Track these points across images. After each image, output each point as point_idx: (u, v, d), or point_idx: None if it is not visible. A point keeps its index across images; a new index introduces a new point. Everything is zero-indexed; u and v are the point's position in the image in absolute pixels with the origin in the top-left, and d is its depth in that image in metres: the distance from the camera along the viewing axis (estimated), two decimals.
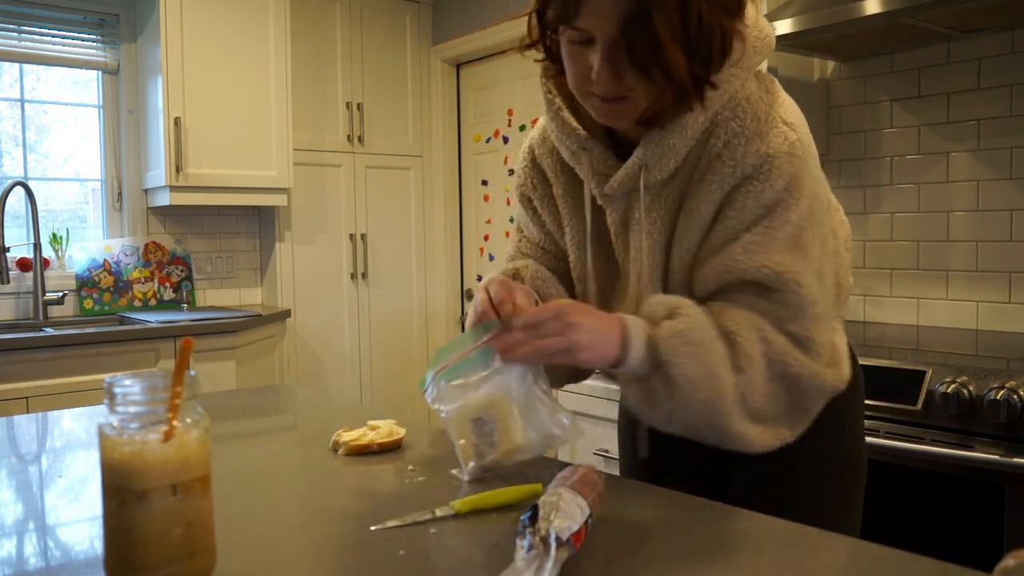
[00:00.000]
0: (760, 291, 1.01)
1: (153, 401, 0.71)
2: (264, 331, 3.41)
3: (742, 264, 1.01)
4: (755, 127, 1.01)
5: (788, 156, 1.01)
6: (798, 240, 1.01)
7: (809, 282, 1.01)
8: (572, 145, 1.12)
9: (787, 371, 1.01)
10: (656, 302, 1.03)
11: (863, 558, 0.81)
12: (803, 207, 1.01)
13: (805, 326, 1.01)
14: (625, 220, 1.12)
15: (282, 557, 0.82)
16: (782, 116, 1.03)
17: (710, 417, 0.99)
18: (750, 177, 1.01)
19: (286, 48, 3.53)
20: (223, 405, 1.58)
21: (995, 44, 2.27)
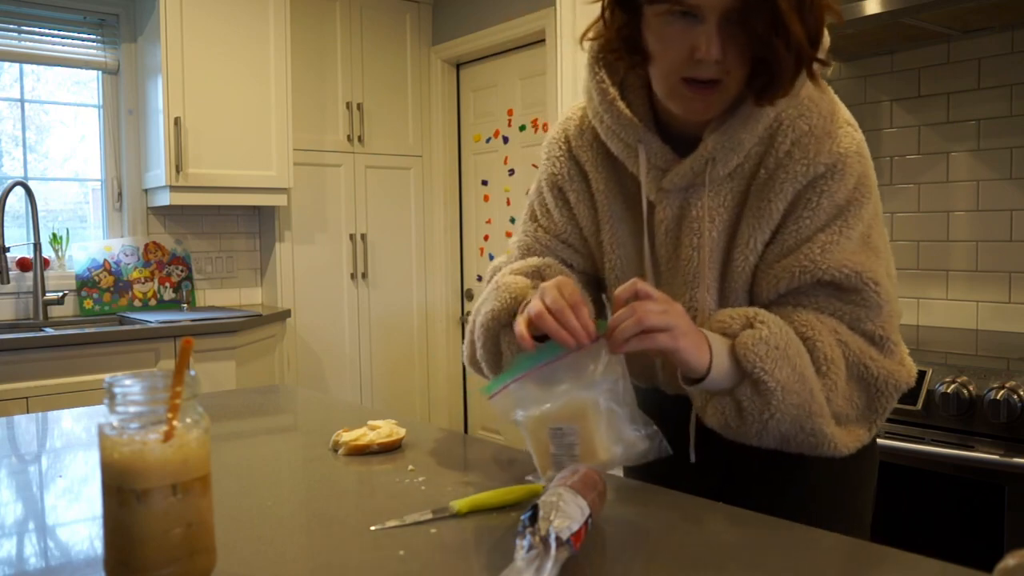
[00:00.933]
0: (836, 292, 1.01)
1: (153, 401, 0.71)
2: (264, 331, 3.41)
3: (821, 264, 1.00)
4: (823, 126, 1.01)
5: (857, 155, 1.02)
6: (869, 239, 1.03)
7: (883, 280, 1.01)
8: (628, 137, 1.08)
9: (866, 372, 1.00)
10: (727, 315, 1.01)
11: (863, 558, 0.81)
12: (871, 205, 1.03)
13: (881, 325, 1.01)
14: (680, 217, 1.09)
15: (282, 557, 0.82)
16: (844, 116, 1.05)
17: (804, 420, 0.97)
18: (823, 176, 1.00)
19: (286, 48, 3.53)
20: (223, 405, 1.57)
21: (995, 44, 2.27)
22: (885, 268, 1.04)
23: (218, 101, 3.35)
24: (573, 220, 1.20)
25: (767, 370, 0.94)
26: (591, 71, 1.11)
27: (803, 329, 0.99)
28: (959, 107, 2.35)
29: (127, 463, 0.69)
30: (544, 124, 3.75)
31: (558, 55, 2.98)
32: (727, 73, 0.95)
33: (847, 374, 1.00)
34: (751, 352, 0.95)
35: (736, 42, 0.93)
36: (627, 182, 1.14)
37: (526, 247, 1.24)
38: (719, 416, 1.00)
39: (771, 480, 1.12)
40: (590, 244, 1.20)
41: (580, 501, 0.79)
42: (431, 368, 4.36)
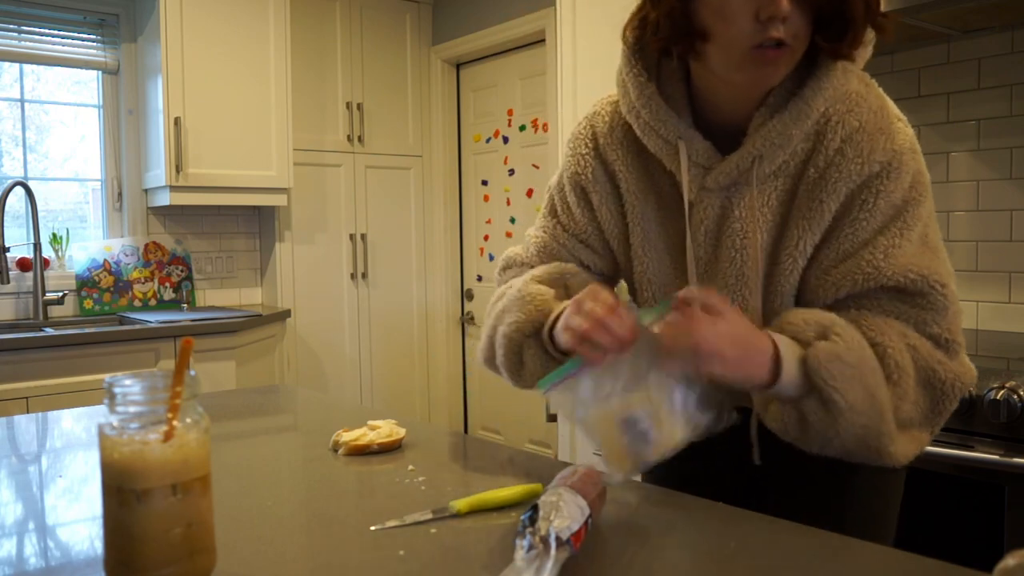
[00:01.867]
0: (901, 295, 0.98)
1: (153, 401, 0.71)
2: (264, 331, 3.41)
3: (886, 271, 0.96)
4: (875, 121, 0.98)
5: (911, 152, 0.98)
6: (927, 239, 0.99)
7: (949, 281, 0.98)
8: (668, 133, 1.03)
9: (934, 376, 0.97)
10: (801, 319, 0.96)
11: (863, 558, 0.81)
12: (928, 204, 1.00)
13: (947, 327, 0.98)
14: (721, 217, 1.04)
15: (282, 557, 0.82)
16: (894, 111, 1.02)
17: (869, 439, 0.95)
18: (878, 175, 0.97)
19: (286, 48, 3.53)
20: (223, 405, 1.58)
21: (995, 44, 2.27)
22: (948, 265, 1.00)
23: (218, 101, 3.35)
24: (595, 222, 1.16)
25: (839, 389, 0.91)
26: (628, 63, 1.06)
27: (872, 334, 0.95)
28: (959, 107, 2.35)
29: (127, 463, 0.69)
30: (544, 124, 3.75)
31: (558, 55, 2.98)
32: (794, 36, 0.92)
33: (916, 379, 0.96)
34: (824, 368, 0.91)
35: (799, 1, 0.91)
36: (661, 181, 1.09)
37: (543, 245, 1.20)
38: (780, 422, 0.97)
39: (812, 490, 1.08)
40: (612, 247, 1.16)
41: (580, 501, 0.79)
42: (431, 368, 4.36)
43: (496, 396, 4.19)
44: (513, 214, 4.01)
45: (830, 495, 1.09)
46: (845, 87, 0.98)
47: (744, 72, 0.96)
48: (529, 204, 3.91)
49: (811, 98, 0.96)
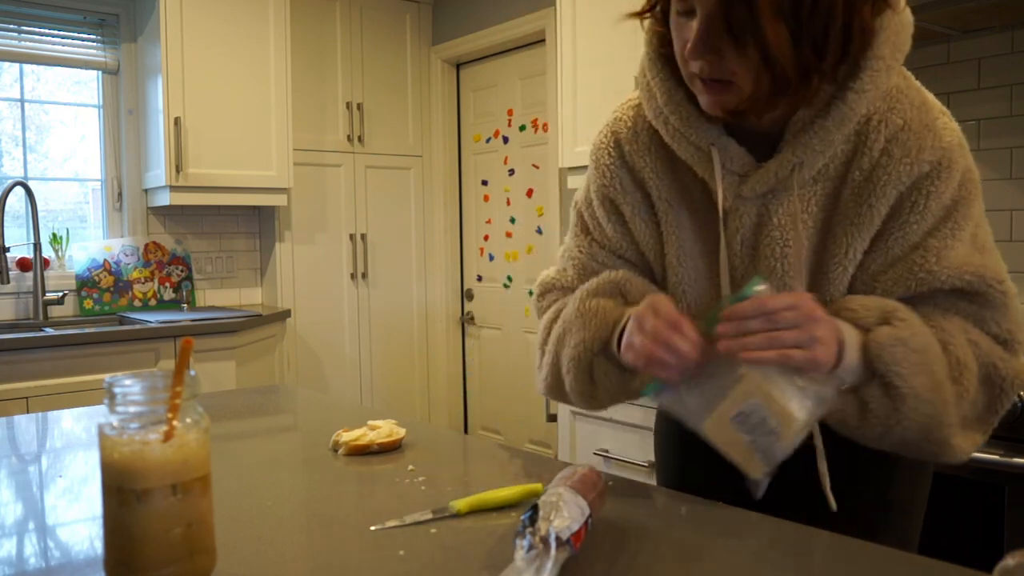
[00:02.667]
0: (959, 295, 0.95)
1: (153, 401, 0.71)
2: (264, 331, 3.41)
3: (940, 275, 0.93)
4: (920, 119, 0.94)
5: (960, 148, 0.95)
6: (977, 237, 0.97)
7: (1006, 277, 0.96)
8: (700, 140, 0.98)
9: (995, 372, 0.94)
10: (859, 304, 0.93)
11: (863, 558, 0.81)
12: (978, 202, 0.97)
13: (1007, 325, 0.96)
14: (758, 225, 0.99)
15: (282, 557, 0.82)
16: (937, 106, 0.98)
17: (932, 430, 0.91)
18: (928, 175, 0.93)
19: (286, 48, 3.53)
20: (223, 405, 1.58)
21: (995, 44, 2.27)
22: (1001, 262, 0.98)
23: (218, 101, 3.35)
24: (628, 235, 1.11)
25: (903, 375, 0.88)
26: (653, 67, 1.01)
27: (934, 328, 0.93)
28: (959, 107, 2.35)
29: (127, 463, 0.69)
30: (544, 124, 3.75)
31: (558, 55, 2.98)
32: (733, 73, 0.87)
33: (978, 376, 0.93)
34: (887, 352, 0.88)
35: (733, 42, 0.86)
36: (693, 188, 1.04)
37: (581, 265, 1.14)
38: (838, 412, 0.93)
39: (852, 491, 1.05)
40: (648, 258, 1.11)
41: (580, 501, 0.79)
42: (431, 368, 4.36)
43: (496, 396, 4.19)
44: (513, 214, 4.01)
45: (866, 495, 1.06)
46: (887, 84, 0.93)
47: (699, 98, 0.94)
48: (529, 204, 3.91)
49: (854, 101, 0.91)
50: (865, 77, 0.90)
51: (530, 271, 3.94)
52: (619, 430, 2.49)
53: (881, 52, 0.90)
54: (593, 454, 2.56)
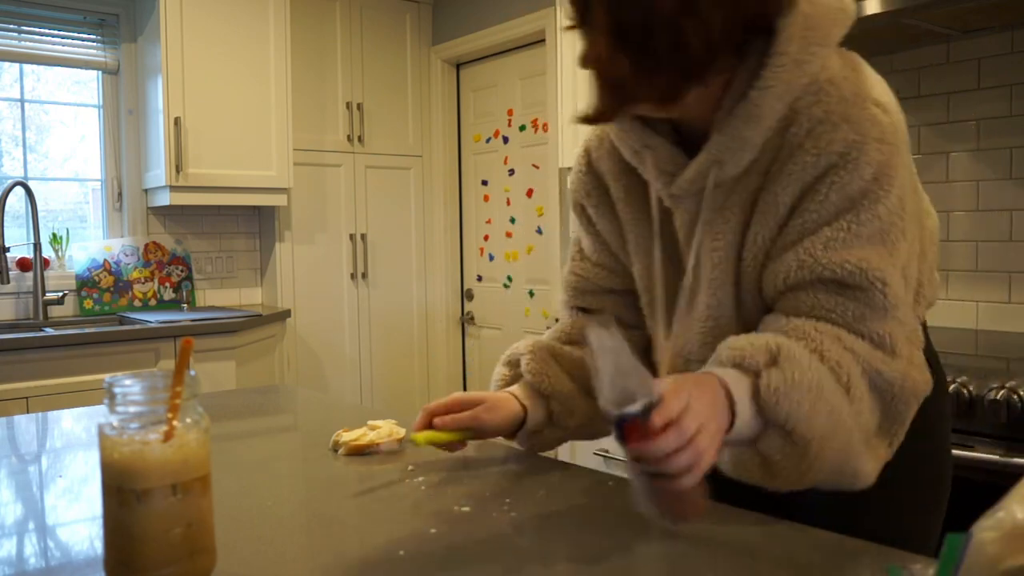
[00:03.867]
0: (839, 289, 0.91)
1: (153, 401, 0.71)
2: (264, 331, 3.41)
3: (822, 260, 0.90)
4: (842, 110, 0.90)
5: (879, 143, 0.89)
6: (885, 236, 0.90)
7: (894, 282, 0.90)
8: (634, 143, 1.02)
9: (879, 378, 0.89)
10: (748, 344, 0.88)
11: (863, 558, 0.81)
12: (893, 199, 0.90)
13: (888, 328, 0.90)
14: (694, 221, 1.01)
15: (282, 557, 0.82)
16: (872, 96, 0.92)
17: (842, 464, 0.88)
18: (835, 166, 0.90)
19: (286, 48, 3.53)
20: (223, 405, 1.58)
21: (995, 44, 2.27)
22: (903, 269, 0.92)
23: (218, 101, 3.35)
24: (599, 238, 1.16)
25: (803, 419, 0.83)
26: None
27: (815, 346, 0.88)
28: (959, 107, 2.35)
29: (127, 463, 0.69)
30: (544, 124, 3.75)
31: (558, 55, 2.98)
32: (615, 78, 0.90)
33: (867, 389, 0.89)
34: (783, 400, 0.83)
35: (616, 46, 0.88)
36: (645, 188, 1.07)
37: (570, 284, 1.22)
38: (741, 469, 0.89)
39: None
40: (621, 259, 1.15)
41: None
42: (431, 368, 4.36)
43: None
44: (513, 214, 4.01)
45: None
46: (810, 77, 0.91)
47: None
48: (529, 204, 3.91)
49: (758, 99, 0.90)
50: (767, 75, 0.90)
51: (530, 271, 3.94)
52: None
53: (784, 48, 0.89)
54: (593, 454, 2.57)
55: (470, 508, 0.94)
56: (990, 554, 0.60)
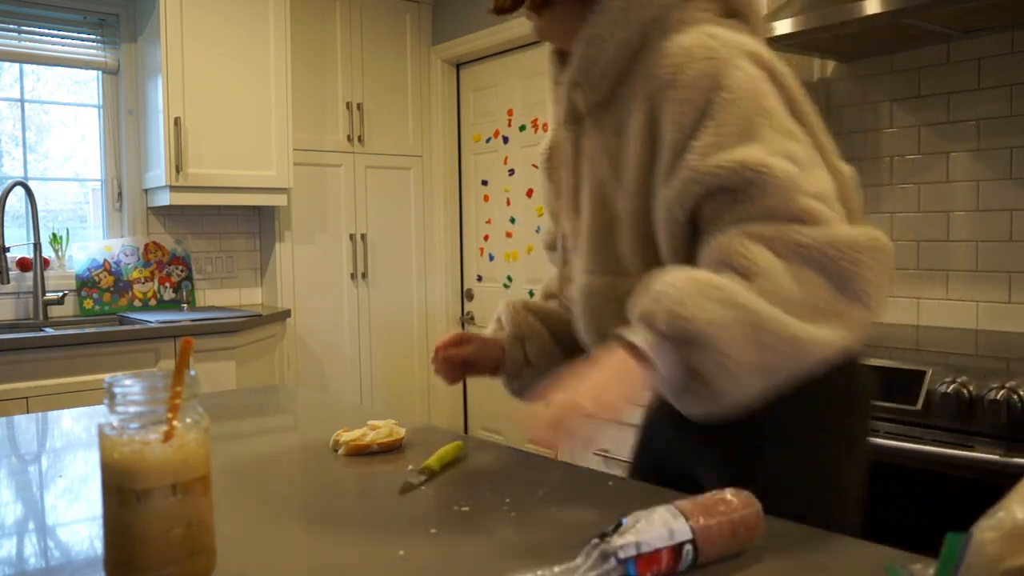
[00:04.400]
0: (732, 195, 0.91)
1: (153, 401, 0.71)
2: (264, 331, 3.41)
3: (701, 170, 0.91)
4: (680, 40, 0.97)
5: (706, 59, 0.94)
6: (752, 133, 0.91)
7: (776, 163, 0.89)
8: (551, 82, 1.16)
9: (804, 250, 0.86)
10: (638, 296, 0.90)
11: (863, 557, 0.81)
12: (746, 103, 0.92)
13: (798, 203, 0.88)
14: (579, 154, 1.11)
15: (282, 557, 0.82)
16: (709, 31, 0.97)
17: (764, 337, 0.84)
18: (670, 83, 0.95)
19: (286, 48, 3.53)
20: (223, 405, 1.58)
21: (995, 44, 2.27)
22: (781, 153, 0.91)
23: (218, 101, 3.35)
24: (555, 189, 1.25)
25: (687, 316, 0.83)
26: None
27: (712, 254, 0.91)
28: (959, 107, 2.35)
29: (127, 463, 0.69)
30: (544, 124, 3.75)
31: None
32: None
33: (783, 264, 0.86)
34: (663, 312, 0.85)
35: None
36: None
37: (543, 244, 1.37)
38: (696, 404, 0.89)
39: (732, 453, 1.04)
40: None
41: (678, 523, 0.69)
42: (431, 368, 4.35)
43: (496, 396, 4.18)
44: (513, 214, 4.01)
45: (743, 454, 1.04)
46: (655, 11, 1.00)
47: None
48: (529, 204, 3.91)
49: (594, 21, 1.02)
50: (604, 3, 1.01)
51: (530, 271, 3.94)
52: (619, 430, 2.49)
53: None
54: (593, 454, 2.57)
55: (470, 508, 0.94)
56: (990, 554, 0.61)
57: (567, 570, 0.66)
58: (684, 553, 0.70)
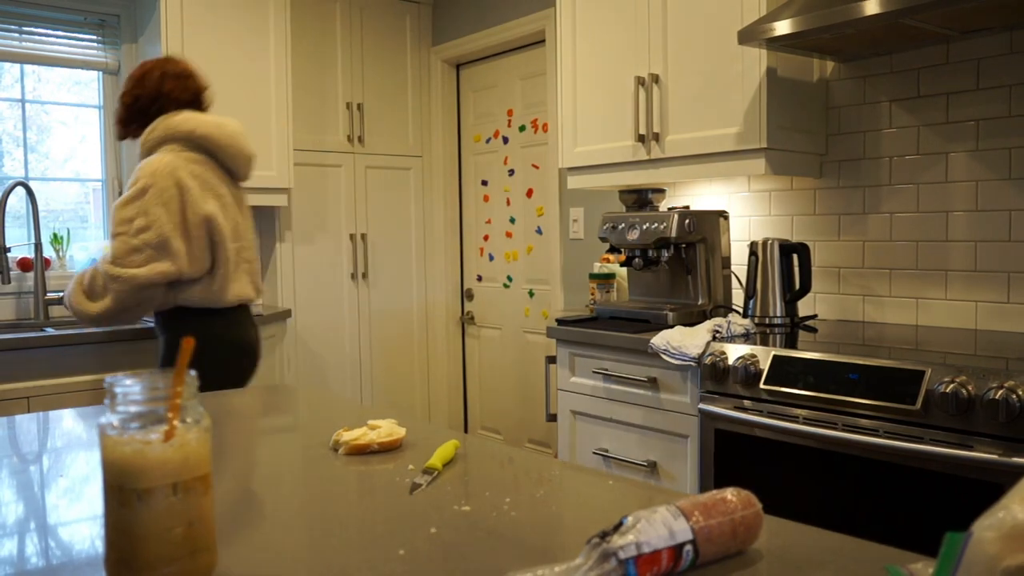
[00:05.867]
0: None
1: (154, 401, 0.71)
2: (264, 331, 3.40)
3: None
4: (143, 164, 2.29)
5: (143, 177, 2.22)
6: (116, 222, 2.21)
7: (115, 241, 2.17)
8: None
9: (97, 275, 2.22)
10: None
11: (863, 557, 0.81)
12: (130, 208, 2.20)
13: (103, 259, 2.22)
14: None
15: (282, 557, 0.82)
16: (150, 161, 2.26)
17: (82, 305, 2.24)
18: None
19: (286, 48, 3.53)
20: (223, 405, 1.58)
21: (994, 44, 2.27)
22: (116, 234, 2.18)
23: (218, 101, 3.34)
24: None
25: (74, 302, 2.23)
26: None
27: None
28: (958, 107, 2.35)
29: (128, 462, 0.69)
30: (544, 124, 3.75)
31: (558, 55, 2.98)
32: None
33: (89, 278, 2.24)
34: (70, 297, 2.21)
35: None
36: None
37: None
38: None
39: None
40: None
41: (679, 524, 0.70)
42: (431, 368, 4.36)
43: (496, 396, 4.19)
44: (513, 214, 4.01)
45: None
46: (149, 147, 2.30)
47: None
48: (529, 204, 3.91)
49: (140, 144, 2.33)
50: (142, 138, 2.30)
51: (530, 271, 3.95)
52: (619, 430, 2.49)
53: (148, 134, 2.30)
54: (592, 453, 2.57)
55: (470, 508, 0.94)
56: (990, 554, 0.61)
57: (567, 570, 0.66)
58: (684, 553, 0.70)
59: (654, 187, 2.84)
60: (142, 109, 2.29)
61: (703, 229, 2.60)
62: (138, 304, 2.21)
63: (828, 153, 2.64)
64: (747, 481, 2.05)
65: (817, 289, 2.69)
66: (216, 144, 2.26)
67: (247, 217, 2.43)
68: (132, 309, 2.22)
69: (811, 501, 1.94)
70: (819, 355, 1.96)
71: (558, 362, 2.68)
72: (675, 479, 2.33)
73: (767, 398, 2.02)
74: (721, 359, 2.12)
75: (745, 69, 2.43)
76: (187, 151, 2.18)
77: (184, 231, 2.15)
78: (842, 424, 1.87)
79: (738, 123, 2.45)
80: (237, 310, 2.39)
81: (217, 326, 2.31)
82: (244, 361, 2.40)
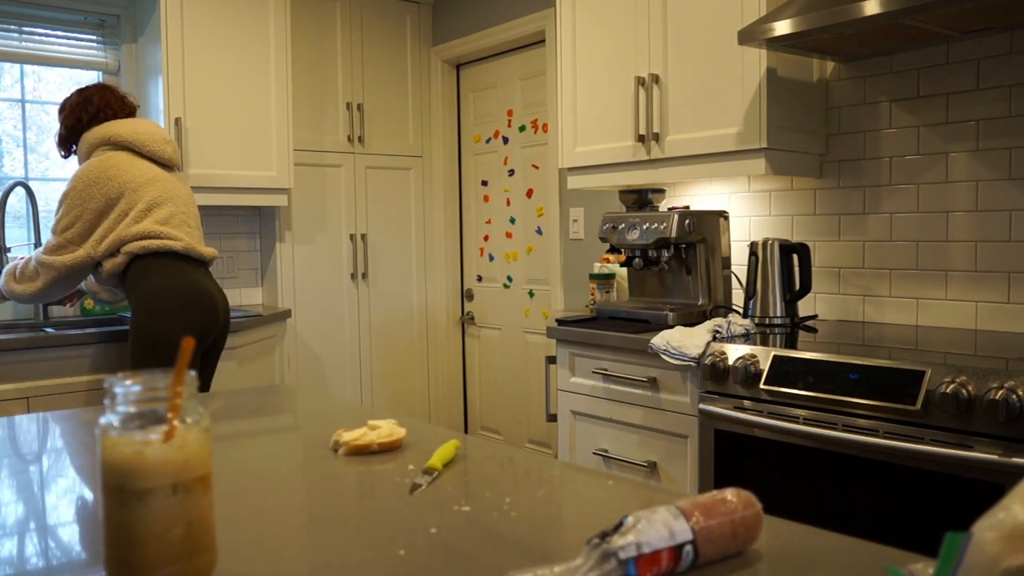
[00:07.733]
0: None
1: (153, 401, 0.71)
2: (264, 331, 3.41)
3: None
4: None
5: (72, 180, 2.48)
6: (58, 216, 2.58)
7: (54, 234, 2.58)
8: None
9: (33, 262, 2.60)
10: None
11: (863, 557, 0.81)
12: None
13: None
14: None
15: (282, 557, 0.82)
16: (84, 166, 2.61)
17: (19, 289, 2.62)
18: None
19: (286, 48, 3.53)
20: (223, 405, 1.58)
21: (994, 44, 2.27)
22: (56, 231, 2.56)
23: (218, 101, 3.35)
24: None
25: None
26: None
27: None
28: (958, 107, 2.35)
29: (127, 463, 0.69)
30: (544, 124, 3.75)
31: (558, 55, 2.98)
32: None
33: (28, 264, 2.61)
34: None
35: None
36: None
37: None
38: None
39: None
40: None
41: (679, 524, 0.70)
42: (431, 368, 4.36)
43: (496, 396, 4.19)
44: (513, 214, 4.01)
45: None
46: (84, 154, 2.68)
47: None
48: (529, 204, 3.91)
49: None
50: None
51: (530, 271, 3.95)
52: (619, 430, 2.49)
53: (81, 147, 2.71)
54: (593, 453, 2.57)
55: (470, 508, 0.94)
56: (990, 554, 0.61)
57: (567, 570, 0.66)
58: (684, 553, 0.70)
59: (654, 187, 2.84)
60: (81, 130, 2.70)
61: (703, 229, 2.60)
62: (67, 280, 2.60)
63: (828, 153, 2.64)
64: (747, 481, 2.05)
65: (817, 289, 2.69)
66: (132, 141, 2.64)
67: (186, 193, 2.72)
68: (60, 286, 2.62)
69: (811, 501, 1.94)
70: (819, 355, 1.96)
71: (558, 362, 2.68)
72: (675, 479, 2.33)
73: (767, 398, 2.02)
74: (721, 359, 2.12)
75: (745, 69, 2.43)
76: (111, 151, 2.63)
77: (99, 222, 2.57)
78: (842, 424, 1.87)
79: (738, 123, 2.45)
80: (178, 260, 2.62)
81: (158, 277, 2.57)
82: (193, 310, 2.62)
